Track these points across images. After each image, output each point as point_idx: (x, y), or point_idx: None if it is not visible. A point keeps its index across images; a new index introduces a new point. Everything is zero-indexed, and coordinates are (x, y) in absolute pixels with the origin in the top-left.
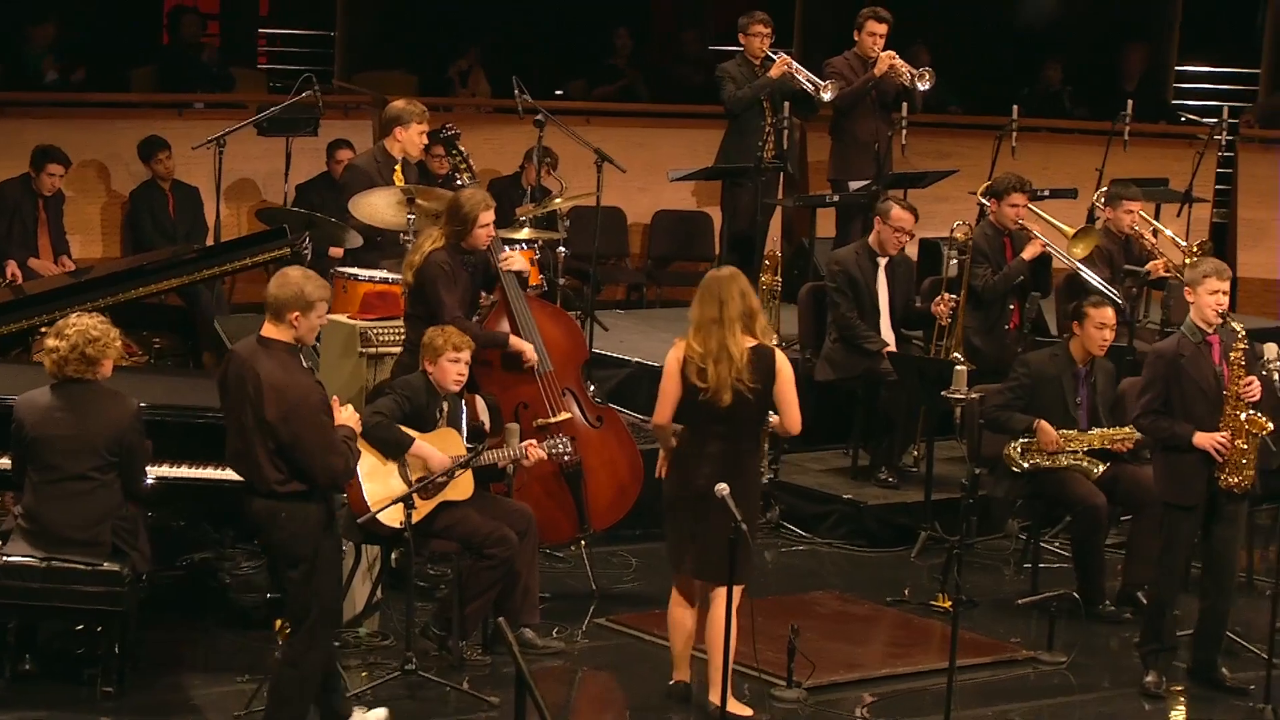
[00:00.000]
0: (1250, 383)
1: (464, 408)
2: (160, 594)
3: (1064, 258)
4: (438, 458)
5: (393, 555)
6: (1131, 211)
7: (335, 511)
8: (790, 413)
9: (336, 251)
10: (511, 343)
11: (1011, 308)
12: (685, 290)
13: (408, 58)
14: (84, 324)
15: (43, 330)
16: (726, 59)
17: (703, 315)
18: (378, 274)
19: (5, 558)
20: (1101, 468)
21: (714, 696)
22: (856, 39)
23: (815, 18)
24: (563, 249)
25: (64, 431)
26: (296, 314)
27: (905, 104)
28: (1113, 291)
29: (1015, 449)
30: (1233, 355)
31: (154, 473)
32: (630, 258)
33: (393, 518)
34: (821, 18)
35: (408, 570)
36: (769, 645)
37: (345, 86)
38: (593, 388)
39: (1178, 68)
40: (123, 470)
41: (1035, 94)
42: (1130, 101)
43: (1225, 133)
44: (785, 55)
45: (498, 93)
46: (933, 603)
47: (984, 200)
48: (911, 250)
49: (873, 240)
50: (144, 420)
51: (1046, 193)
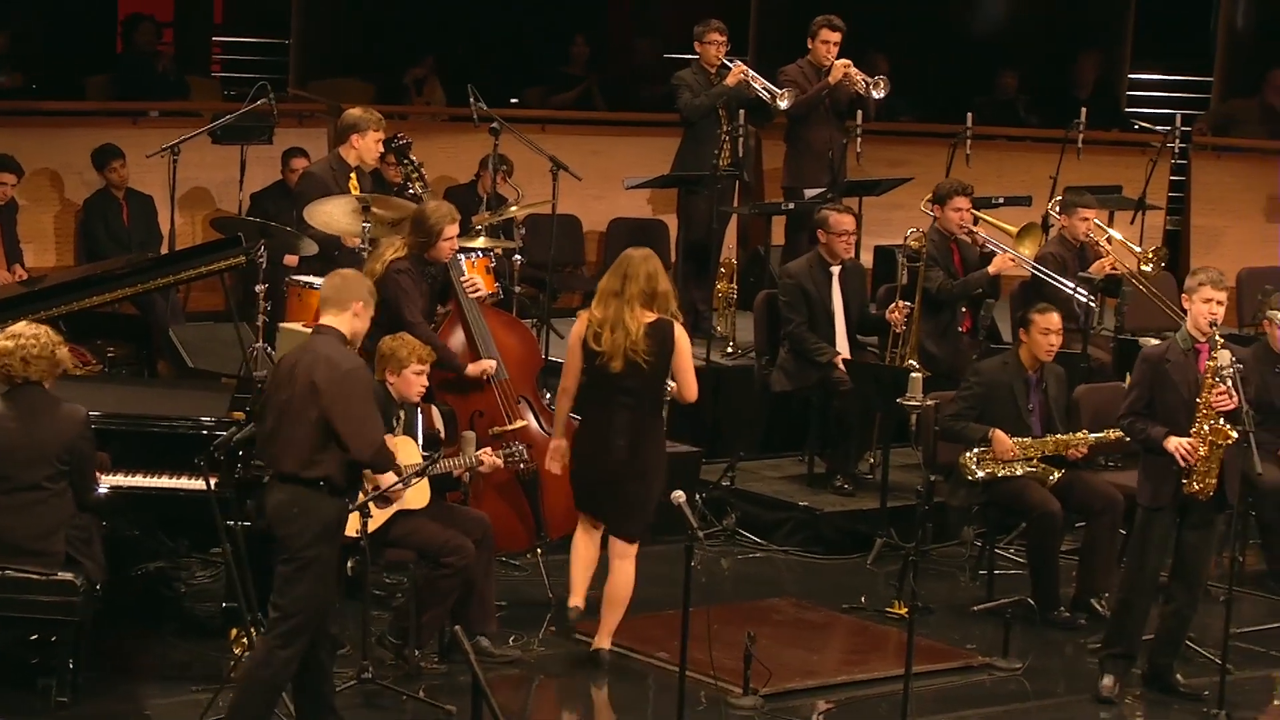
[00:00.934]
0: (1223, 393)
1: (419, 416)
2: (115, 603)
3: (1027, 264)
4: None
5: (349, 564)
6: (1087, 219)
7: (345, 518)
8: (685, 380)
9: (291, 260)
10: (469, 370)
11: (964, 312)
12: None
13: (363, 66)
14: (26, 333)
15: None
16: (682, 67)
17: (607, 286)
18: None
19: None
20: (1057, 474)
21: (601, 642)
22: (810, 47)
23: (769, 26)
24: (518, 257)
25: (15, 441)
26: (360, 304)
27: (859, 112)
28: (1080, 293)
29: (970, 459)
30: (1209, 365)
31: (108, 481)
32: (586, 265)
33: (349, 527)
34: (775, 26)
35: (364, 579)
36: (725, 652)
37: (300, 94)
38: (548, 395)
39: (1131, 75)
40: (74, 479)
41: (990, 102)
42: (1084, 109)
43: (1178, 140)
44: (741, 63)
45: (453, 101)
46: (889, 609)
47: (926, 209)
48: (866, 258)
49: (823, 250)
50: (97, 429)
51: (1001, 200)
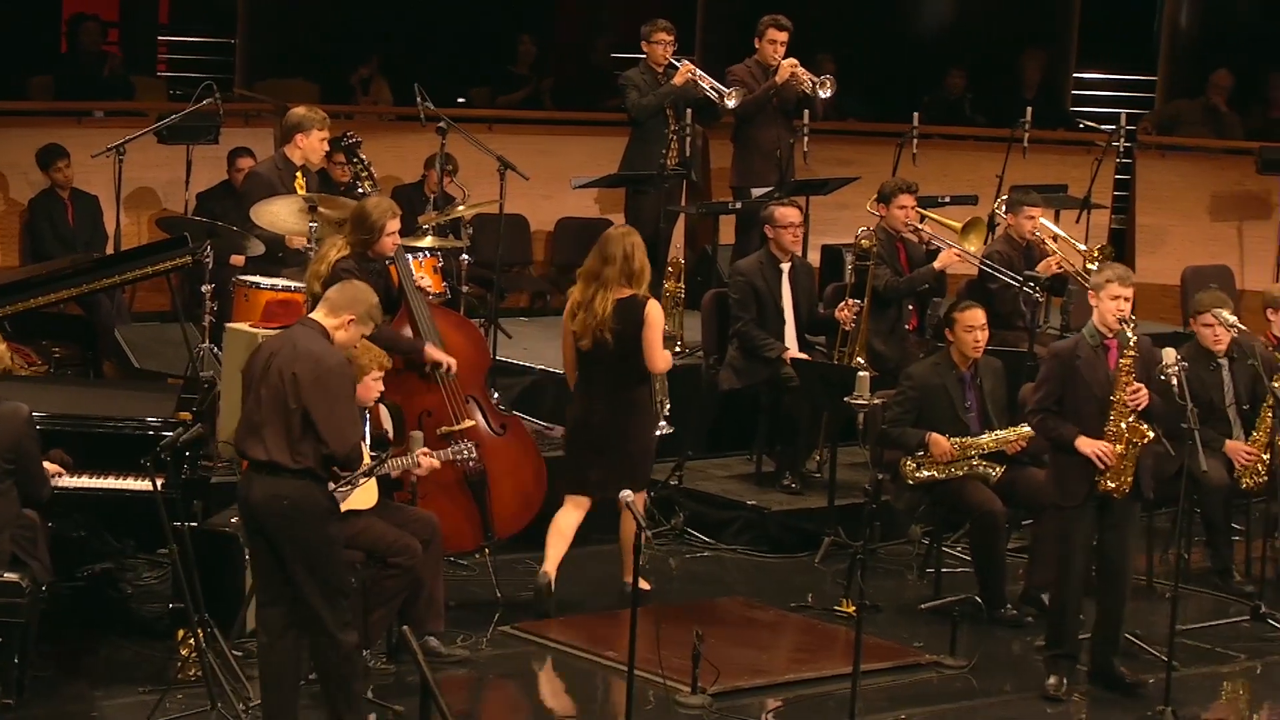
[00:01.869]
0: (1137, 390)
1: (366, 416)
2: (61, 604)
3: (973, 260)
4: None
5: None
6: (1033, 217)
7: (339, 503)
8: (649, 353)
9: (238, 260)
10: (428, 353)
11: (911, 310)
12: None
13: (309, 65)
14: None
15: None
16: (630, 67)
17: (588, 268)
18: (279, 282)
19: None
20: (998, 471)
21: (628, 578)
22: (758, 46)
23: (716, 25)
24: (466, 256)
25: None
26: (351, 319)
27: (806, 111)
28: (1027, 287)
29: (910, 464)
30: (1122, 363)
31: (54, 482)
32: (534, 265)
33: None
34: (722, 25)
35: None
36: (674, 651)
37: (246, 94)
38: (496, 395)
39: (1076, 75)
40: (20, 478)
41: (937, 101)
42: (1029, 109)
43: (1123, 139)
44: (688, 63)
45: (400, 100)
46: (836, 608)
47: (872, 208)
48: (813, 257)
49: (772, 248)
50: (43, 430)
51: (947, 199)
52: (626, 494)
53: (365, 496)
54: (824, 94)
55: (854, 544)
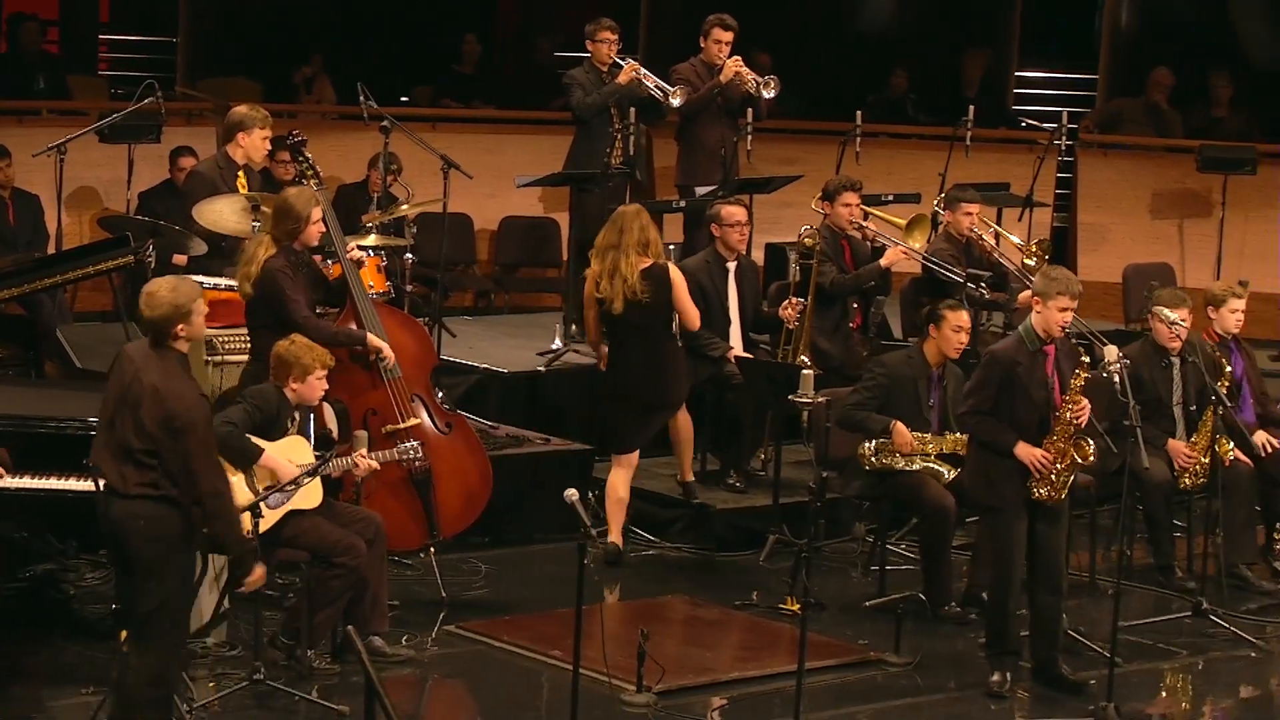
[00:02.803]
0: (1083, 408)
1: (311, 416)
2: (3, 605)
3: (918, 256)
4: (286, 469)
5: None
6: (970, 214)
7: (196, 524)
8: (686, 313)
9: (180, 259)
10: (369, 341)
11: (855, 308)
12: (533, 296)
13: (251, 64)
14: None
15: None
16: (573, 66)
17: (604, 241)
18: (222, 281)
19: None
20: (952, 472)
21: (686, 476)
22: (702, 45)
23: (660, 24)
24: (410, 256)
25: None
26: (180, 325)
27: (751, 110)
28: (971, 284)
29: (869, 449)
30: (1074, 381)
31: None
32: (478, 264)
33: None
34: (667, 24)
35: None
36: (619, 650)
37: (188, 93)
38: (441, 394)
39: (1018, 74)
40: None
41: (880, 100)
42: (971, 107)
43: (1064, 138)
44: (633, 61)
45: (342, 99)
46: (781, 606)
47: (817, 206)
48: (757, 255)
49: (719, 246)
50: None
51: (890, 197)
52: (571, 493)
53: (309, 497)
54: (768, 94)
55: (798, 542)
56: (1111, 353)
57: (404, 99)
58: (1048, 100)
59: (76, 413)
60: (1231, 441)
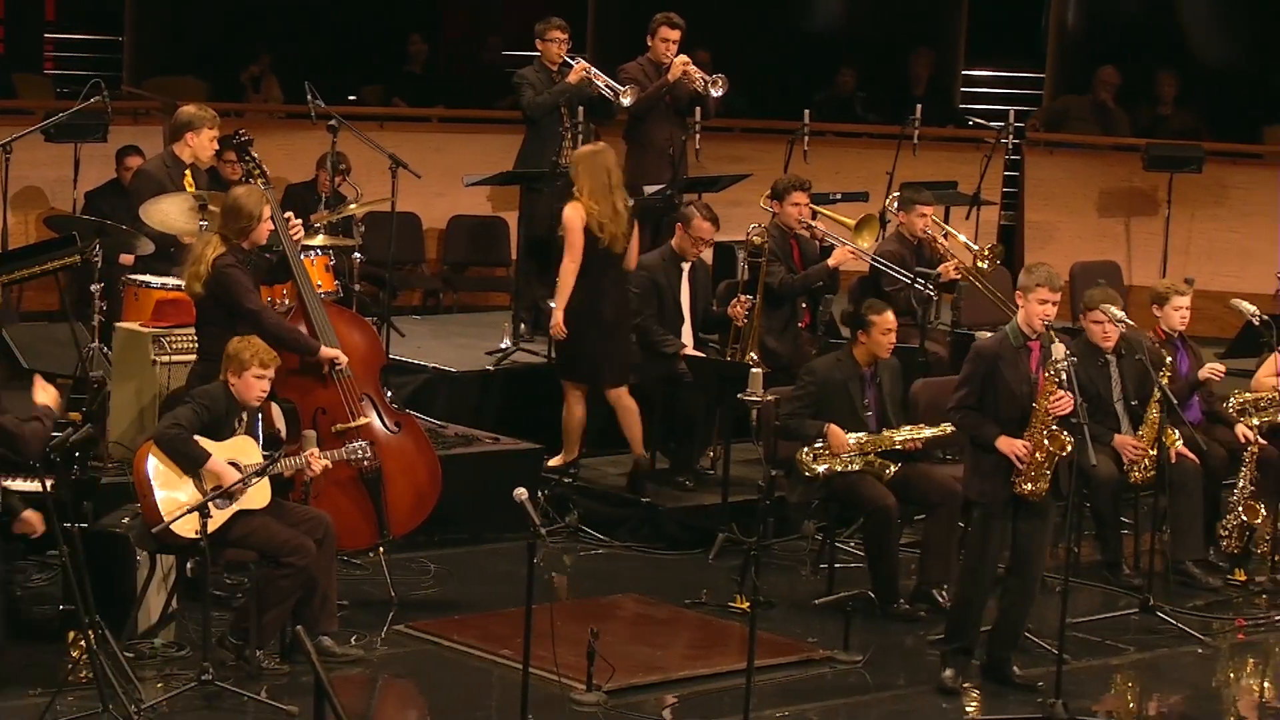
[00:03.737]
0: (1060, 398)
1: (259, 416)
2: None
3: (866, 256)
4: (231, 476)
5: (188, 565)
6: (925, 215)
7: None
8: (635, 252)
9: (127, 259)
10: (322, 354)
11: (803, 307)
12: (482, 295)
13: (198, 63)
14: None
15: None
16: (522, 65)
17: (595, 183)
18: (170, 281)
19: None
20: (894, 468)
21: (638, 451)
22: (650, 44)
23: (608, 23)
24: (358, 255)
25: None
26: None
27: (699, 109)
28: (918, 284)
29: (807, 455)
30: (1048, 372)
31: None
32: (426, 263)
33: (187, 527)
34: (614, 23)
35: (203, 580)
36: (569, 649)
37: (134, 92)
38: (389, 394)
39: (965, 72)
40: None
41: (828, 99)
42: (919, 106)
43: (1011, 136)
44: (583, 61)
45: (290, 98)
46: (731, 604)
47: (766, 205)
48: (707, 254)
49: (676, 245)
50: None
51: (838, 196)
52: (520, 492)
53: (258, 496)
54: (715, 92)
55: (748, 540)
56: (1059, 350)
57: (352, 98)
58: (995, 99)
59: (23, 412)
60: (1176, 432)
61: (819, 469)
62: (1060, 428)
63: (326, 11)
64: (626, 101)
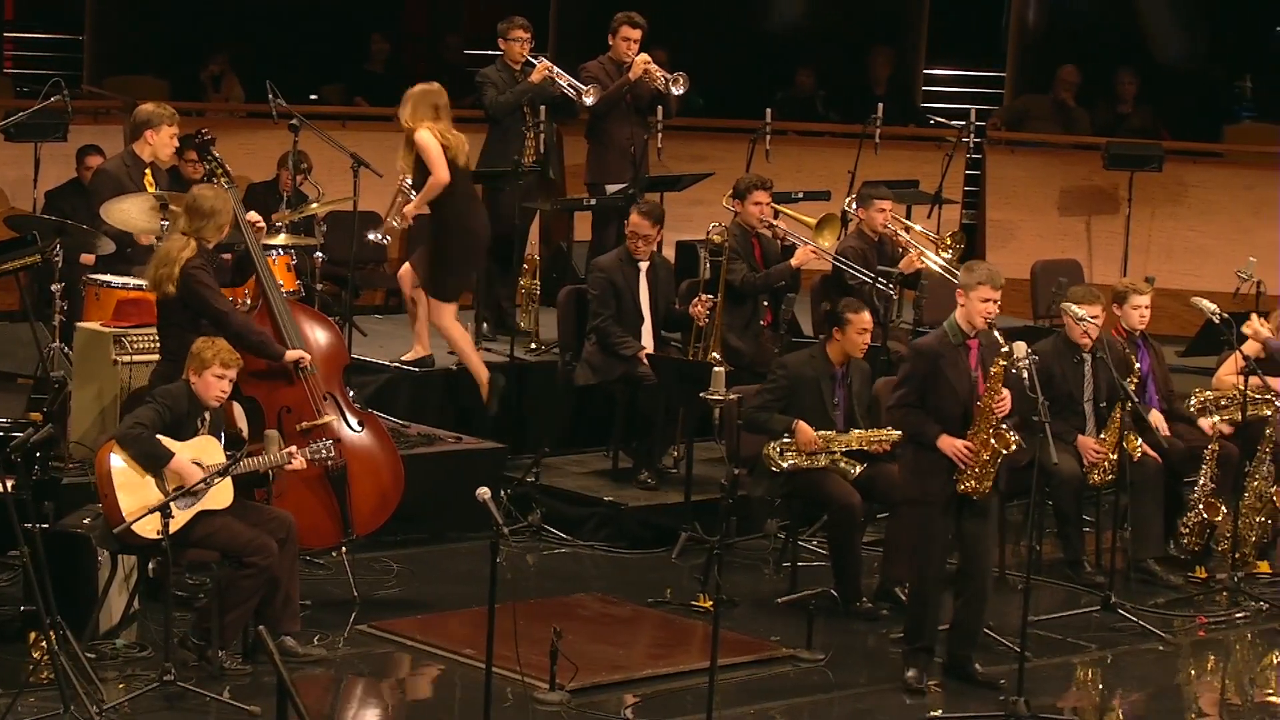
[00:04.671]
0: (1004, 398)
1: (221, 416)
2: None
3: (828, 256)
4: (194, 475)
5: (150, 565)
6: (884, 210)
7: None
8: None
9: (88, 258)
10: (287, 358)
11: (765, 306)
12: None
13: (158, 62)
14: None
15: None
16: (484, 64)
17: (440, 103)
18: (131, 280)
19: None
20: (859, 468)
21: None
22: (611, 43)
23: (570, 22)
24: (320, 254)
25: None
26: None
27: (660, 108)
28: (880, 282)
29: (774, 449)
30: (993, 370)
31: None
32: (388, 263)
33: (149, 527)
34: (575, 22)
35: (165, 580)
36: (531, 648)
37: (94, 91)
38: (352, 393)
39: (925, 71)
40: None
41: (789, 98)
42: (880, 105)
43: (973, 135)
44: (545, 60)
45: (251, 97)
46: (694, 603)
47: (728, 204)
48: (668, 253)
49: (628, 243)
50: None
51: (800, 195)
52: (483, 491)
53: (220, 496)
54: (676, 91)
55: (710, 539)
56: (1020, 349)
57: (313, 97)
58: (955, 98)
59: None
60: (1140, 438)
61: (785, 464)
62: (1009, 427)
63: (287, 10)
64: (589, 101)
